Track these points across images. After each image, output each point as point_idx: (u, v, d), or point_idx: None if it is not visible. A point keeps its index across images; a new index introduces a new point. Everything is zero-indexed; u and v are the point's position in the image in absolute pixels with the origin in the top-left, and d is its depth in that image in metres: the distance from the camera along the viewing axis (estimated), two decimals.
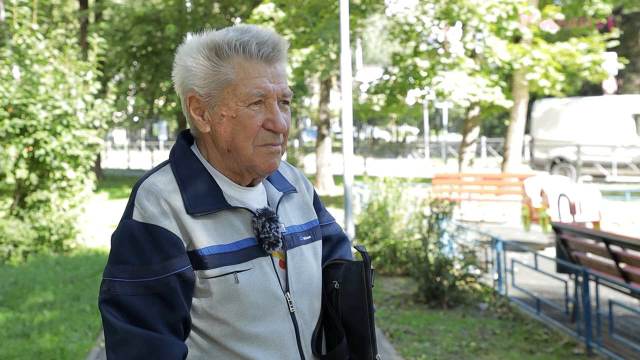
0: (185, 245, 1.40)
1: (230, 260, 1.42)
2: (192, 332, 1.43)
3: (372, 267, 1.54)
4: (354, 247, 1.61)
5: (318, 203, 1.72)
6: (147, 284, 1.36)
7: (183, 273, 1.38)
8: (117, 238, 1.41)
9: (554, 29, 15.00)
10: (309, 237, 1.60)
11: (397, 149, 37.34)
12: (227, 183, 1.50)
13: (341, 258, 1.66)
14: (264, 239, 1.46)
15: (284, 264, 1.50)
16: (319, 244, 1.63)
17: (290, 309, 1.48)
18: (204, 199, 1.44)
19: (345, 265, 1.60)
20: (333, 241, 1.75)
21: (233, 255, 1.43)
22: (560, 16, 14.88)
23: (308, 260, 1.56)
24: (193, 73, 1.46)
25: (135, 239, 1.38)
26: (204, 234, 1.41)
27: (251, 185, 1.53)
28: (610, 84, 28.29)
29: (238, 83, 1.43)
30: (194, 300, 1.42)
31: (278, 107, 1.47)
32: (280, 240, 1.48)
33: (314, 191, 1.73)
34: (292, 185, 1.63)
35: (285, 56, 1.50)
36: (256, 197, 1.53)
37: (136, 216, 1.40)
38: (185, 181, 1.45)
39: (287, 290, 1.49)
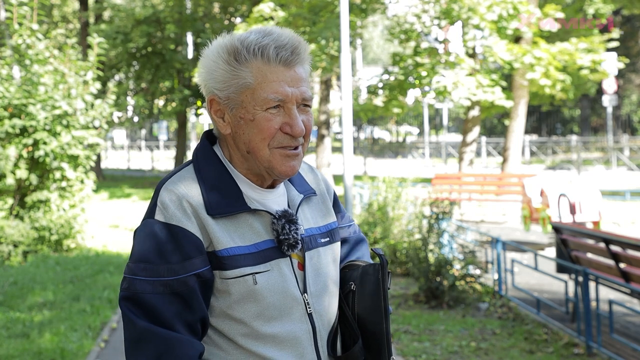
0: (205, 245, 1.42)
1: (249, 261, 1.44)
2: (209, 331, 1.46)
3: (388, 270, 1.55)
4: (372, 249, 1.63)
5: (338, 205, 1.74)
6: (166, 283, 1.39)
7: (202, 273, 1.41)
8: (139, 236, 1.44)
9: (554, 27, 15.00)
10: (327, 239, 1.61)
11: (397, 149, 37.28)
12: (247, 185, 1.52)
13: (359, 260, 1.68)
14: (283, 240, 1.48)
15: (302, 266, 1.52)
16: (337, 246, 1.65)
17: (308, 310, 1.50)
18: (225, 201, 1.46)
19: (362, 267, 1.62)
20: (351, 242, 1.77)
21: (252, 256, 1.44)
22: (561, 15, 14.88)
23: (326, 262, 1.58)
24: (213, 76, 1.48)
25: (157, 238, 1.41)
26: (223, 235, 1.43)
27: (272, 186, 1.55)
28: (610, 84, 28.31)
29: (256, 87, 1.45)
30: (213, 300, 1.44)
31: (297, 110, 1.48)
32: (299, 242, 1.50)
33: (334, 193, 1.74)
34: (313, 188, 1.65)
35: (306, 59, 1.51)
36: (276, 199, 1.55)
37: (158, 216, 1.43)
38: (206, 182, 1.47)
39: (304, 291, 1.51)
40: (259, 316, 1.44)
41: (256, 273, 1.43)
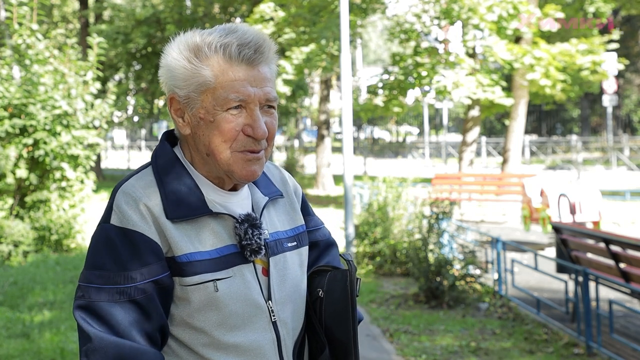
0: (164, 251, 1.36)
1: (210, 267, 1.37)
2: (169, 341, 1.39)
3: (357, 276, 1.49)
4: (340, 254, 1.56)
5: (306, 207, 1.67)
6: (123, 290, 1.32)
7: (161, 280, 1.34)
8: (94, 242, 1.37)
9: (554, 27, 15.00)
10: (294, 243, 1.54)
11: (397, 149, 37.27)
12: (210, 187, 1.45)
13: (328, 265, 1.60)
14: (246, 245, 1.41)
15: (266, 272, 1.46)
16: (304, 250, 1.58)
17: (272, 318, 1.44)
18: (185, 204, 1.39)
19: (330, 273, 1.55)
20: (320, 247, 1.69)
21: (213, 262, 1.38)
22: (561, 15, 14.89)
23: (292, 267, 1.51)
24: (173, 74, 1.42)
25: (113, 244, 1.34)
26: (183, 240, 1.37)
27: (234, 189, 1.48)
28: (610, 84, 28.32)
29: (217, 86, 1.38)
30: (172, 308, 1.38)
31: (260, 112, 1.41)
32: (263, 247, 1.44)
33: (303, 195, 1.68)
34: (279, 190, 1.58)
35: (272, 58, 1.44)
36: (240, 202, 1.48)
37: (114, 220, 1.35)
38: (165, 185, 1.40)
39: (269, 298, 1.44)
40: (221, 325, 1.37)
41: (217, 280, 1.36)
